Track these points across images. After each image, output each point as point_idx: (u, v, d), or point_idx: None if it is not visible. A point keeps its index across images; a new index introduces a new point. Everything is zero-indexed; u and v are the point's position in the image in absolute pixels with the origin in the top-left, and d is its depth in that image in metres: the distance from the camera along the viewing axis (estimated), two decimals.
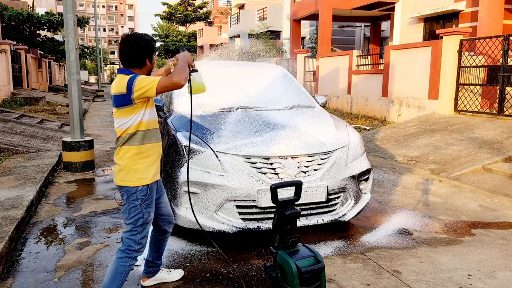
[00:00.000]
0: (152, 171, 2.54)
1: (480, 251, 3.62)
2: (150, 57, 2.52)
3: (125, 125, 2.46)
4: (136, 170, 2.47)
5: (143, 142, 2.50)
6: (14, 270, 3.21)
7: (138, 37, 2.48)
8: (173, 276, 3.04)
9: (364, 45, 24.59)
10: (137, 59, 2.47)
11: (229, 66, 5.41)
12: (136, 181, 2.47)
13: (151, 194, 2.54)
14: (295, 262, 2.35)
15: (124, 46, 2.47)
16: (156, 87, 2.32)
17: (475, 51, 9.53)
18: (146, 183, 2.49)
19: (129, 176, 2.47)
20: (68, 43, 6.32)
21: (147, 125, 2.51)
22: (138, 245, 2.54)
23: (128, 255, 2.52)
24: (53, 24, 24.49)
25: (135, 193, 2.47)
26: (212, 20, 48.05)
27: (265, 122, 3.91)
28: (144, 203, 2.51)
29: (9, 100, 14.46)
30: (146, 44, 2.48)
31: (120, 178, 2.50)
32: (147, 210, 2.53)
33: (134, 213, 2.50)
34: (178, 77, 2.33)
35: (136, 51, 2.45)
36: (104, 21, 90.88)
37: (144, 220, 2.53)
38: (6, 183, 5.21)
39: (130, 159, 2.47)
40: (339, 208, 3.75)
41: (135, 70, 2.49)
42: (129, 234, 2.52)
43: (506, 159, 6.54)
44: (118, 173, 2.50)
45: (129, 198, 2.49)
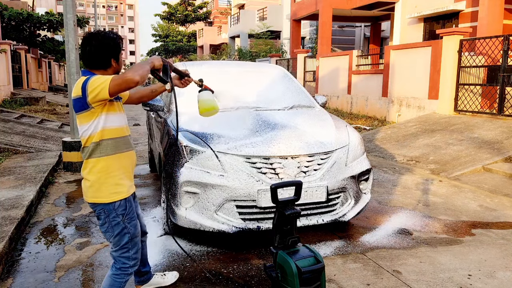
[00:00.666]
0: (128, 183, 2.33)
1: (480, 251, 3.62)
2: (115, 56, 2.29)
3: (86, 133, 2.22)
4: (109, 184, 2.24)
5: (113, 152, 2.26)
6: (14, 270, 3.21)
7: (101, 35, 2.27)
8: (168, 279, 2.94)
9: (364, 45, 24.60)
10: (100, 59, 2.24)
11: (229, 66, 5.41)
12: (111, 196, 2.24)
13: (131, 206, 2.34)
14: (295, 262, 2.35)
15: (86, 45, 2.25)
16: (108, 86, 2.06)
17: (475, 51, 9.53)
18: (123, 197, 2.28)
19: (102, 191, 2.23)
20: (68, 43, 6.32)
21: (114, 132, 2.26)
22: (132, 260, 2.38)
23: (124, 272, 2.36)
24: (53, 24, 24.48)
25: (114, 210, 2.25)
26: (212, 20, 48.05)
27: (265, 122, 3.90)
28: (126, 217, 2.30)
29: (9, 100, 14.46)
30: (111, 42, 2.26)
31: (92, 195, 2.25)
32: (131, 224, 2.33)
33: (118, 230, 2.29)
34: (132, 73, 2.05)
35: (100, 50, 2.23)
36: (104, 21, 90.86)
37: (131, 234, 2.34)
38: (6, 183, 5.21)
39: (100, 173, 2.23)
40: (339, 208, 3.75)
41: (98, 71, 2.26)
42: (120, 253, 2.33)
43: (506, 159, 6.54)
44: (88, 189, 2.26)
45: (109, 216, 2.26)
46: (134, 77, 2.05)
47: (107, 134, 2.24)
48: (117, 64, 2.32)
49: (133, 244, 2.36)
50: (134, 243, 2.37)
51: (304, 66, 17.53)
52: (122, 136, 2.32)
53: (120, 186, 2.28)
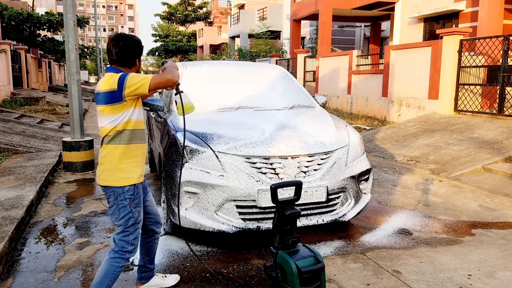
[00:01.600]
0: (138, 171, 2.53)
1: (480, 251, 3.62)
2: (139, 57, 2.59)
3: (113, 123, 2.45)
4: (121, 169, 2.45)
5: (130, 142, 2.49)
6: (14, 270, 3.21)
7: (129, 37, 2.55)
8: (169, 281, 2.98)
9: (364, 45, 24.60)
10: (128, 59, 2.52)
11: (229, 66, 5.41)
12: (121, 181, 2.44)
13: (139, 193, 2.53)
14: (295, 262, 2.35)
15: (116, 45, 2.51)
16: (149, 83, 2.36)
17: (475, 51, 9.53)
18: (132, 183, 2.48)
19: (114, 176, 2.44)
20: (68, 43, 6.32)
21: (135, 124, 2.51)
22: (131, 246, 2.53)
23: (121, 256, 2.51)
24: (53, 24, 24.48)
25: (122, 193, 2.45)
26: (212, 20, 48.03)
27: (265, 122, 3.90)
28: (132, 202, 2.49)
29: (9, 100, 14.46)
30: (137, 45, 2.54)
31: (104, 178, 2.47)
32: (136, 209, 2.52)
33: (123, 213, 2.48)
34: (171, 74, 2.40)
35: (128, 51, 2.50)
36: (104, 21, 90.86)
37: (135, 219, 2.52)
38: (6, 183, 5.21)
39: (115, 158, 2.45)
40: (339, 208, 3.75)
41: (124, 69, 2.52)
42: (122, 236, 2.51)
43: (506, 159, 6.54)
44: (102, 173, 2.48)
45: (117, 198, 2.46)
46: (174, 77, 2.41)
47: (131, 125, 2.48)
48: (139, 64, 2.61)
49: (134, 229, 2.52)
50: (135, 229, 2.53)
51: (304, 66, 17.53)
52: (140, 129, 2.57)
53: (131, 173, 2.47)
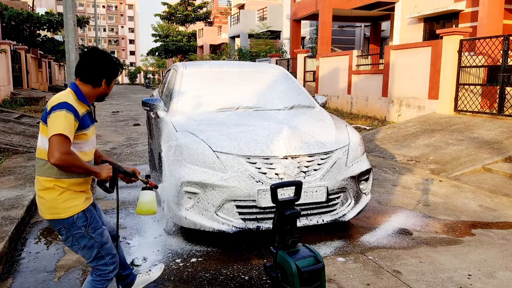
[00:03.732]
0: (83, 197, 2.24)
1: (480, 251, 3.62)
2: (108, 78, 2.26)
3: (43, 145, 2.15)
4: (63, 199, 2.15)
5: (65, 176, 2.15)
6: (14, 270, 3.21)
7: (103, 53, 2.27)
8: (154, 274, 2.87)
9: (364, 45, 24.59)
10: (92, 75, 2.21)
11: (229, 66, 5.41)
12: (67, 211, 2.16)
13: (92, 215, 2.26)
14: (295, 262, 2.35)
15: (85, 57, 2.25)
16: (50, 136, 2.00)
17: (475, 51, 9.53)
18: (81, 209, 2.20)
19: (57, 208, 2.15)
20: (68, 43, 6.33)
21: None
22: (111, 265, 2.32)
23: (104, 278, 2.32)
24: (53, 24, 24.49)
25: (72, 223, 2.18)
26: (212, 20, 48.02)
27: (265, 122, 3.90)
28: (89, 228, 2.23)
29: (9, 100, 14.46)
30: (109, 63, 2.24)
31: (48, 212, 2.17)
32: (96, 233, 2.26)
33: (83, 242, 2.22)
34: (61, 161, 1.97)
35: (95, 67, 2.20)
36: (104, 21, 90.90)
37: (100, 244, 2.27)
38: (6, 183, 5.21)
39: (51, 190, 2.15)
40: (339, 208, 3.75)
41: (86, 86, 2.22)
42: (96, 263, 2.28)
43: (506, 159, 6.54)
44: (43, 205, 2.17)
45: (70, 230, 2.19)
46: (58, 159, 1.97)
47: None
48: (107, 87, 2.28)
49: (106, 251, 2.31)
50: (107, 249, 2.31)
51: (304, 66, 17.53)
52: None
53: (75, 200, 2.19)
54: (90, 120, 2.27)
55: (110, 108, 18.60)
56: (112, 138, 9.90)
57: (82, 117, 2.16)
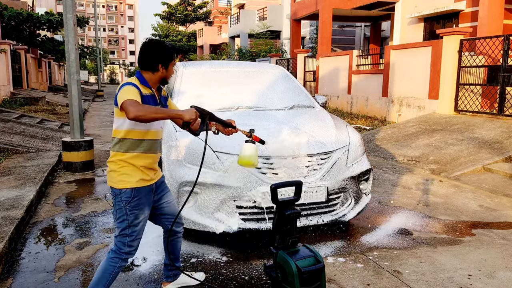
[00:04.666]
0: (138, 176, 2.48)
1: (480, 251, 3.62)
2: (164, 63, 2.50)
3: (115, 125, 2.49)
4: (120, 172, 2.46)
5: (130, 151, 2.45)
6: (14, 270, 3.20)
7: (153, 42, 2.53)
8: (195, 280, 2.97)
9: (364, 45, 24.58)
10: (147, 63, 2.49)
11: (229, 66, 5.41)
12: (119, 184, 2.45)
13: (138, 196, 2.48)
14: (295, 262, 2.34)
15: (141, 48, 2.54)
16: (121, 104, 2.27)
17: (475, 51, 9.53)
18: (130, 186, 2.45)
19: (114, 177, 2.47)
20: (68, 43, 6.31)
21: (136, 134, 2.46)
22: (128, 247, 2.50)
23: (118, 256, 2.51)
24: (53, 24, 24.47)
25: (119, 194, 2.46)
26: (212, 20, 48.01)
27: (265, 122, 3.90)
28: (128, 205, 2.46)
29: (9, 100, 14.45)
30: (158, 49, 2.49)
31: (108, 179, 2.53)
32: (132, 212, 2.47)
33: (119, 214, 2.49)
34: (137, 110, 2.21)
35: (147, 55, 2.49)
36: (104, 21, 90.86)
37: (129, 222, 2.47)
38: (6, 183, 5.21)
39: (115, 163, 2.47)
40: (339, 208, 3.75)
41: (146, 73, 2.51)
42: (119, 237, 2.51)
43: (506, 159, 6.54)
44: (108, 174, 2.54)
45: (115, 199, 2.49)
46: (136, 111, 2.20)
47: (131, 134, 2.45)
48: (165, 71, 2.53)
49: (130, 232, 2.49)
50: (132, 231, 2.50)
51: (304, 66, 17.53)
52: (145, 139, 2.49)
53: (130, 176, 2.46)
54: (154, 102, 2.53)
55: (110, 108, 18.60)
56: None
57: (146, 96, 2.45)
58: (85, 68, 56.84)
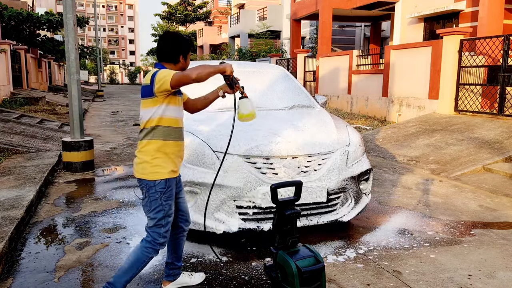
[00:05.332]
0: (170, 166, 2.56)
1: (480, 251, 3.62)
2: (184, 54, 2.60)
3: (146, 117, 2.53)
4: (153, 164, 2.52)
5: (163, 138, 2.54)
6: (14, 270, 3.20)
7: (172, 34, 2.61)
8: (195, 279, 2.99)
9: (364, 45, 24.59)
10: (169, 55, 2.57)
11: None
12: (153, 175, 2.51)
13: (170, 187, 2.57)
14: (295, 262, 2.34)
15: (160, 41, 2.60)
16: (170, 79, 2.37)
17: (475, 51, 9.53)
18: (164, 178, 2.53)
19: (147, 169, 2.52)
20: (68, 43, 6.31)
21: (169, 121, 2.55)
22: (162, 238, 2.58)
23: (153, 246, 2.57)
24: (53, 24, 24.48)
25: (153, 186, 2.52)
26: (212, 20, 48.02)
27: (265, 122, 3.90)
28: (163, 195, 2.54)
29: (9, 100, 14.45)
30: (179, 41, 2.58)
31: (139, 171, 2.56)
32: (167, 202, 2.56)
33: (155, 205, 2.54)
34: (191, 71, 2.36)
35: (169, 47, 2.56)
36: (104, 21, 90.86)
37: (165, 212, 2.56)
38: (6, 183, 5.21)
39: (148, 153, 2.53)
40: (339, 209, 3.75)
41: (168, 65, 2.58)
42: (154, 228, 2.57)
43: (506, 159, 6.54)
44: (137, 165, 2.57)
45: (148, 191, 2.54)
46: (191, 74, 2.34)
47: (164, 122, 2.53)
48: (185, 61, 2.62)
49: (165, 223, 2.58)
50: (167, 222, 2.59)
51: (304, 66, 17.53)
52: (175, 127, 2.59)
53: (162, 168, 2.53)
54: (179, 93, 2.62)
55: (110, 108, 18.60)
56: (112, 138, 9.89)
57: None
58: (85, 68, 56.83)
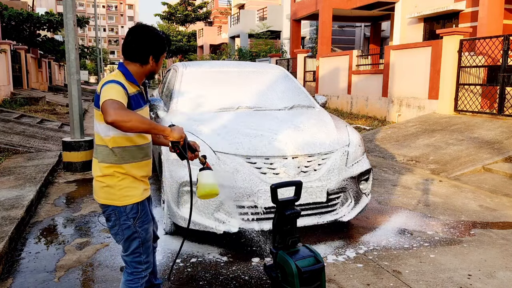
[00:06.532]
0: (141, 186, 2.20)
1: (480, 251, 3.62)
2: (155, 54, 2.14)
3: (101, 132, 2.12)
4: (121, 187, 2.11)
5: (126, 161, 2.11)
6: (14, 270, 3.20)
7: (147, 28, 2.13)
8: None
9: (364, 45, 24.59)
10: (137, 52, 2.10)
11: (230, 66, 5.41)
12: (123, 200, 2.12)
13: (144, 210, 2.21)
14: (295, 262, 2.34)
15: (129, 34, 2.13)
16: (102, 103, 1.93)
17: (475, 51, 9.53)
18: (136, 201, 2.16)
19: (114, 194, 2.11)
20: (68, 43, 6.31)
21: (129, 140, 2.11)
22: (145, 264, 2.26)
23: (136, 276, 2.25)
24: (53, 24, 24.47)
25: (124, 212, 2.13)
26: (212, 20, 48.01)
27: (265, 122, 3.90)
28: (137, 221, 2.17)
29: (9, 100, 14.45)
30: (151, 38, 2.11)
31: (103, 196, 2.14)
32: (143, 228, 2.20)
33: (128, 233, 2.17)
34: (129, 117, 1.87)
35: (140, 42, 2.09)
36: (104, 21, 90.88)
37: (142, 239, 2.21)
38: (6, 183, 5.21)
39: (111, 177, 2.11)
40: (339, 209, 3.75)
41: (133, 65, 2.13)
42: (132, 258, 2.22)
43: (506, 159, 6.54)
44: (100, 189, 2.13)
45: (119, 218, 2.15)
46: (113, 116, 1.86)
47: (122, 141, 2.10)
48: (156, 64, 2.17)
49: (144, 249, 2.25)
50: (146, 248, 2.26)
51: (304, 66, 17.53)
52: (139, 145, 2.16)
53: (133, 189, 2.15)
54: (143, 101, 2.20)
55: None
56: None
57: (133, 96, 2.09)
58: (85, 68, 56.85)
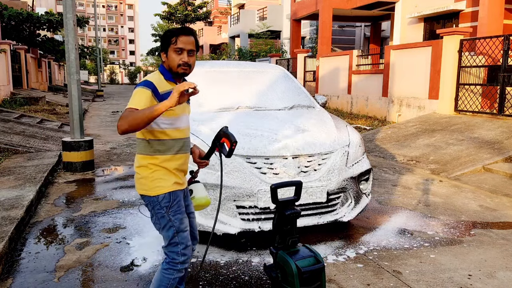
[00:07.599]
0: (172, 179, 2.31)
1: (480, 251, 3.62)
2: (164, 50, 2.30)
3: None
4: (153, 178, 2.27)
5: (161, 153, 2.27)
6: (14, 270, 3.20)
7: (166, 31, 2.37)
8: None
9: (364, 45, 24.58)
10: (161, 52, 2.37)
11: (230, 66, 5.41)
12: (155, 190, 2.27)
13: (176, 199, 2.31)
14: (295, 262, 2.34)
15: None
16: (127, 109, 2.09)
17: (475, 51, 9.53)
18: (167, 191, 2.28)
19: (147, 185, 2.28)
20: (68, 43, 6.31)
21: (165, 134, 2.26)
22: (182, 256, 2.32)
23: (173, 267, 2.32)
24: (53, 24, 24.46)
25: (157, 202, 2.28)
26: (212, 20, 48.01)
27: (265, 122, 3.90)
28: (170, 210, 2.29)
29: (9, 100, 14.45)
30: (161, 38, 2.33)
31: (139, 187, 2.33)
32: (176, 217, 2.30)
33: (163, 222, 2.30)
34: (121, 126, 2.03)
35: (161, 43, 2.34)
36: (104, 21, 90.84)
37: (176, 228, 2.29)
38: (6, 183, 5.21)
39: (145, 167, 2.28)
40: (339, 209, 3.75)
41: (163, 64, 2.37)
42: (169, 247, 2.32)
43: (506, 159, 6.54)
44: (137, 181, 2.34)
45: (154, 208, 2.30)
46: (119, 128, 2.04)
47: (159, 134, 2.25)
48: (166, 58, 2.29)
49: (180, 239, 2.31)
50: (182, 238, 2.32)
51: (304, 66, 17.53)
52: (176, 139, 2.30)
53: (163, 181, 2.28)
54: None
55: (110, 108, 18.60)
56: (112, 138, 9.89)
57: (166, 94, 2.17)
58: (85, 68, 56.82)
